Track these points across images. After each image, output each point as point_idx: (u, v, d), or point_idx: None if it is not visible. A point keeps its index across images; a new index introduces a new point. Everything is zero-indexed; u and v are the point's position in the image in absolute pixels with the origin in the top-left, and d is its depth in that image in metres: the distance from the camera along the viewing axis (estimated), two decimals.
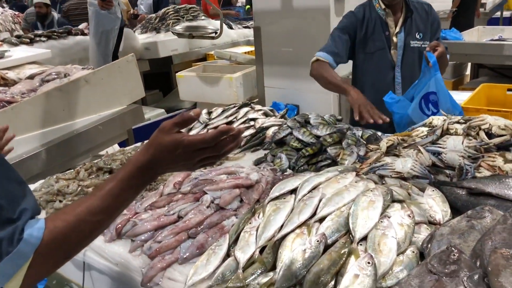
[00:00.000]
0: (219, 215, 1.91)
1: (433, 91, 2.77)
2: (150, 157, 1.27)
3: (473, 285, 1.27)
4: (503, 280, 1.21)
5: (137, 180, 1.27)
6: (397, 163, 2.12)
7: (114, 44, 5.02)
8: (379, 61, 3.15)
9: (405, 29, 3.11)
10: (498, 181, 1.79)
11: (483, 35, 6.32)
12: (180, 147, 1.26)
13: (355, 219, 1.61)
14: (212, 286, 1.60)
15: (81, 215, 1.19)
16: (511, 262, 1.25)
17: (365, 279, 1.40)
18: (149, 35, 6.62)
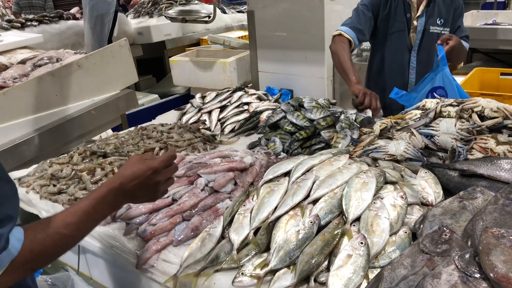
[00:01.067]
0: (213, 198, 1.91)
1: (440, 85, 2.75)
2: (123, 179, 1.36)
3: (464, 264, 1.28)
4: (494, 259, 1.23)
5: (109, 201, 1.35)
6: (390, 145, 2.13)
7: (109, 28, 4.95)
8: (397, 43, 3.08)
9: (426, 13, 3.03)
10: (490, 163, 1.81)
11: (477, 19, 6.30)
12: (150, 170, 1.39)
13: (348, 200, 1.63)
14: (206, 267, 1.62)
15: (58, 228, 1.24)
16: (502, 241, 1.27)
17: (358, 259, 1.42)
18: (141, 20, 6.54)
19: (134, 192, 1.37)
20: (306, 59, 4.56)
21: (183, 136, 2.56)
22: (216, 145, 2.60)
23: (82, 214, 1.28)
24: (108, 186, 1.35)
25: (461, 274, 1.26)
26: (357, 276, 1.39)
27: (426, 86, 2.78)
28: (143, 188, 1.39)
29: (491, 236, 1.29)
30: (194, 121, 2.90)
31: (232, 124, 2.82)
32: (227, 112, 2.89)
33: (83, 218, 1.28)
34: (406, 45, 3.11)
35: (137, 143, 2.50)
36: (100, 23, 4.94)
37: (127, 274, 1.89)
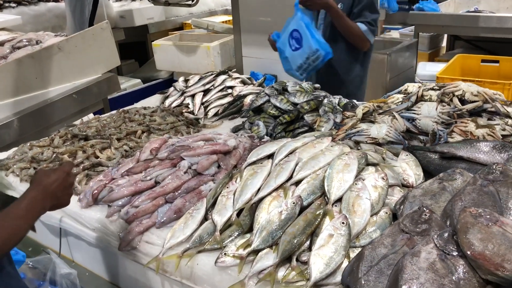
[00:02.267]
0: (196, 180, 1.91)
1: (295, 28, 2.86)
2: (45, 183, 1.40)
3: (442, 242, 1.31)
4: (471, 237, 1.25)
5: (39, 201, 1.38)
6: (372, 129, 2.15)
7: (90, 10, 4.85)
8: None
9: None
10: (469, 145, 1.84)
11: (459, 6, 6.34)
12: (65, 172, 1.45)
13: (330, 181, 1.64)
14: (189, 248, 1.62)
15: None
16: (479, 220, 1.29)
17: (339, 239, 1.44)
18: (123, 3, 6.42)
19: (56, 193, 1.42)
20: None
21: (166, 120, 2.54)
22: (199, 129, 2.59)
23: (16, 217, 1.30)
24: (35, 189, 1.39)
25: (440, 252, 1.29)
26: (338, 255, 1.41)
27: (287, 28, 2.97)
28: (63, 188, 1.44)
29: (469, 215, 1.32)
30: (177, 105, 2.88)
31: (215, 108, 2.81)
32: (210, 96, 2.87)
33: (17, 220, 1.30)
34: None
35: (119, 126, 2.47)
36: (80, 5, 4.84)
37: (109, 256, 1.89)
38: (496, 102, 2.08)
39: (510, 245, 1.21)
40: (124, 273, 1.88)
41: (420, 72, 4.71)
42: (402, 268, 1.26)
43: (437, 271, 1.24)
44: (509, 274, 1.16)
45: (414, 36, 5.60)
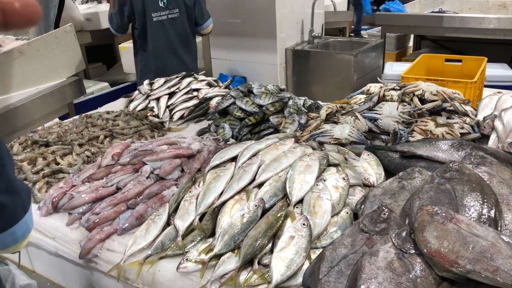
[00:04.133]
0: (159, 185, 1.89)
1: None
2: None
3: (400, 241, 1.33)
4: (427, 235, 1.27)
5: None
6: (335, 129, 2.17)
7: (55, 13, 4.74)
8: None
9: None
10: (428, 144, 1.87)
11: (424, 7, 6.48)
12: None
13: (292, 183, 1.65)
14: (151, 255, 1.60)
15: None
16: (435, 218, 1.32)
17: (300, 240, 1.45)
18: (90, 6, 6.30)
19: None
20: (259, 46, 4.57)
21: (129, 124, 2.50)
22: (164, 132, 2.56)
23: None
24: None
25: (397, 251, 1.30)
26: (299, 257, 1.41)
27: None
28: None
29: (425, 213, 1.34)
30: (141, 108, 2.84)
31: (181, 111, 2.78)
32: (176, 99, 2.84)
33: None
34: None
35: (81, 132, 2.42)
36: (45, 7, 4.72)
37: (70, 265, 1.84)
38: (454, 101, 2.13)
39: (464, 241, 1.23)
40: (86, 281, 1.84)
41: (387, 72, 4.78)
42: (361, 268, 1.27)
43: (395, 270, 1.25)
44: (462, 270, 1.18)
45: (381, 37, 5.69)
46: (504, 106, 2.00)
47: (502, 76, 4.41)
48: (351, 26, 8.31)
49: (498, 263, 1.17)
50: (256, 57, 4.52)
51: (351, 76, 4.41)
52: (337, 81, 4.54)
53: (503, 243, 1.25)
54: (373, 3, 9.69)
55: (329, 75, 4.54)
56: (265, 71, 4.59)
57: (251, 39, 4.47)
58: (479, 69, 3.78)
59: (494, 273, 1.16)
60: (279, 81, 4.63)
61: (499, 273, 1.16)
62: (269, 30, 4.47)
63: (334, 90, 4.49)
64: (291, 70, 4.70)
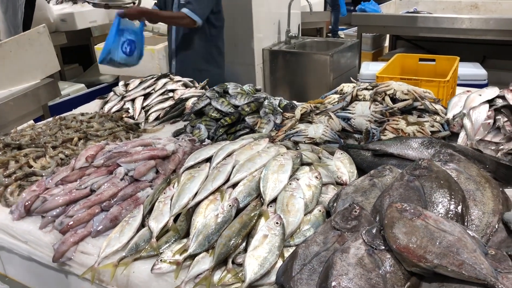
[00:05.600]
0: (133, 187, 1.88)
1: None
2: None
3: (370, 238, 1.36)
4: (396, 231, 1.30)
5: None
6: (310, 129, 2.20)
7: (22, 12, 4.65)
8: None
9: None
10: (399, 142, 1.91)
11: (399, 7, 6.59)
12: None
13: (266, 182, 1.66)
14: (125, 256, 1.59)
15: None
16: (404, 215, 1.35)
17: (273, 239, 1.46)
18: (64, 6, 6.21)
19: None
20: (236, 46, 4.57)
21: (104, 125, 2.48)
22: (139, 134, 2.55)
23: None
24: None
25: (367, 248, 1.33)
26: (272, 255, 1.43)
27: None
28: None
29: (395, 210, 1.37)
30: (116, 110, 2.82)
31: (156, 112, 2.77)
32: (151, 100, 2.83)
33: None
34: None
35: (54, 134, 2.39)
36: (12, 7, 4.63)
37: (44, 269, 1.82)
38: (425, 100, 2.18)
39: (431, 237, 1.26)
40: (60, 285, 1.82)
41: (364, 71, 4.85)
42: (332, 264, 1.29)
43: (365, 266, 1.28)
44: (430, 265, 1.22)
45: (357, 37, 5.76)
46: (473, 105, 2.06)
47: (474, 75, 4.51)
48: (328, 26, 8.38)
49: (464, 257, 1.21)
50: (233, 57, 4.53)
51: (327, 76, 4.46)
52: (313, 81, 4.59)
53: (469, 238, 1.30)
54: (350, 4, 9.80)
55: (306, 75, 4.59)
56: (243, 72, 4.60)
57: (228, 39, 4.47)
58: (452, 68, 3.87)
59: (459, 267, 1.20)
60: (257, 81, 4.65)
61: (464, 266, 1.20)
62: (246, 30, 4.49)
63: (311, 90, 4.53)
64: (268, 71, 4.73)
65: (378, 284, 1.23)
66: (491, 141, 1.99)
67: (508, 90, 2.07)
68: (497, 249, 1.36)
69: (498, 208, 1.50)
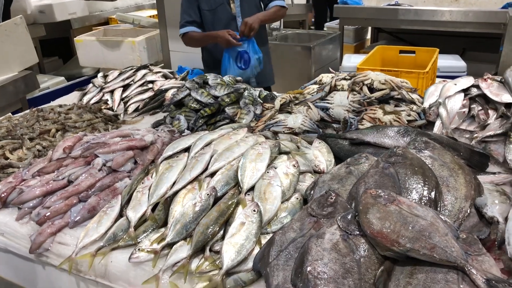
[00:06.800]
0: (111, 177, 1.87)
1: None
2: None
3: (345, 223, 1.37)
4: (370, 217, 1.32)
5: None
6: (289, 119, 2.21)
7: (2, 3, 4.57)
8: (221, 15, 3.39)
9: None
10: (376, 131, 1.94)
11: (381, 0, 6.62)
12: None
13: (244, 171, 1.67)
14: (103, 246, 1.59)
15: None
16: (378, 200, 1.37)
17: (251, 226, 1.47)
18: None
19: None
20: None
21: (82, 117, 2.46)
22: (119, 125, 2.53)
23: None
24: None
25: (342, 233, 1.35)
26: (249, 242, 1.44)
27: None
28: None
29: (369, 196, 1.39)
30: (95, 101, 2.79)
31: (136, 103, 2.75)
32: (130, 91, 2.81)
33: None
34: (229, 15, 3.40)
35: (31, 125, 2.36)
36: None
37: (21, 260, 1.80)
38: (402, 90, 2.20)
39: (404, 222, 1.29)
40: (38, 276, 1.81)
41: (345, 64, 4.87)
42: (307, 250, 1.31)
43: (340, 250, 1.29)
44: (403, 249, 1.24)
45: (339, 29, 5.79)
46: (448, 94, 2.09)
47: (454, 67, 4.57)
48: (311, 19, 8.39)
49: (436, 240, 1.24)
50: None
51: (309, 67, 4.48)
52: (295, 73, 4.60)
53: (441, 222, 1.32)
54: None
55: (287, 67, 4.59)
56: None
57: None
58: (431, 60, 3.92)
59: (431, 250, 1.22)
60: None
61: (436, 250, 1.22)
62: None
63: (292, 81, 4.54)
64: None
65: (352, 268, 1.25)
66: (466, 130, 2.03)
67: (482, 79, 2.10)
68: (469, 233, 1.40)
69: (471, 193, 1.53)
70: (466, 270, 1.19)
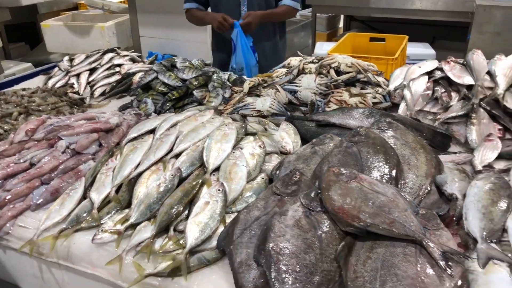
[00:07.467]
0: (75, 159, 1.84)
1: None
2: None
3: (308, 201, 1.39)
4: (332, 193, 1.34)
5: None
6: (257, 102, 2.21)
7: None
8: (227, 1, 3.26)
9: None
10: (341, 113, 1.95)
11: None
12: None
13: (209, 151, 1.67)
14: (66, 228, 1.56)
15: None
16: (340, 178, 1.39)
17: (215, 205, 1.47)
18: None
19: None
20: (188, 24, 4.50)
21: (46, 100, 2.40)
22: (85, 109, 2.49)
23: None
24: None
25: (305, 210, 1.36)
26: (213, 221, 1.44)
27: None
28: None
29: (332, 174, 1.41)
30: (61, 85, 2.73)
31: (102, 87, 2.71)
32: (97, 75, 2.76)
33: None
34: (234, 1, 3.25)
35: None
36: None
37: None
38: (368, 73, 2.23)
39: (365, 198, 1.31)
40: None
41: (318, 51, 4.89)
42: (270, 227, 1.32)
43: (302, 227, 1.31)
44: (363, 224, 1.26)
45: (311, 17, 5.80)
46: (413, 76, 2.12)
47: (423, 55, 4.63)
48: None
49: (395, 216, 1.26)
50: (185, 35, 4.46)
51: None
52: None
53: (401, 198, 1.35)
54: None
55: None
56: (195, 49, 4.53)
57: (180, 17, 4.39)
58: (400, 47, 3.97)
59: (390, 225, 1.25)
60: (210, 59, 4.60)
61: (395, 224, 1.24)
62: None
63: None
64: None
65: (314, 244, 1.27)
66: (430, 111, 2.07)
67: (445, 62, 2.14)
68: (428, 209, 1.43)
69: (431, 171, 1.57)
70: (423, 243, 1.22)
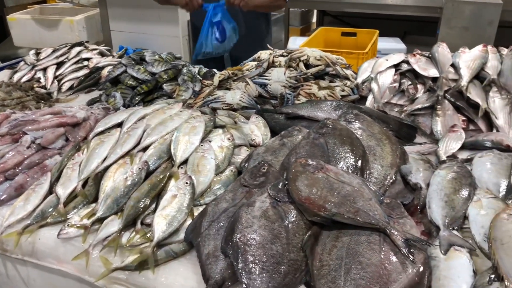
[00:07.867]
0: (40, 154, 1.81)
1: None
2: None
3: (275, 192, 1.40)
4: (299, 184, 1.36)
5: None
6: (227, 95, 2.21)
7: None
8: None
9: None
10: (310, 105, 1.97)
11: None
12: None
13: (177, 144, 1.66)
14: (31, 224, 1.54)
15: None
16: (307, 169, 1.40)
17: (182, 198, 1.47)
18: None
19: None
20: (160, 18, 4.45)
21: (11, 95, 2.35)
22: (52, 104, 2.43)
23: None
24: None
25: (272, 201, 1.37)
26: (181, 214, 1.44)
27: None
28: None
29: (298, 165, 1.42)
30: (27, 80, 2.67)
31: (70, 81, 2.65)
32: (64, 69, 2.71)
33: None
34: None
35: None
36: None
37: None
38: (336, 66, 2.25)
39: (331, 188, 1.33)
40: None
41: (291, 46, 4.91)
42: (238, 218, 1.32)
43: (269, 217, 1.32)
44: (328, 213, 1.28)
45: (285, 11, 5.81)
46: (380, 69, 2.15)
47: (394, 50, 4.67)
48: None
49: (360, 205, 1.28)
50: (157, 29, 4.41)
51: None
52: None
53: (366, 188, 1.37)
54: None
55: None
56: (167, 44, 4.49)
57: (151, 11, 4.35)
58: (371, 41, 4.03)
59: (355, 214, 1.27)
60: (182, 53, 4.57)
61: (360, 213, 1.27)
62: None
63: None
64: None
65: (281, 234, 1.28)
66: (396, 104, 2.10)
67: (411, 55, 2.18)
68: (392, 198, 1.46)
69: (396, 162, 1.60)
70: (387, 231, 1.24)
